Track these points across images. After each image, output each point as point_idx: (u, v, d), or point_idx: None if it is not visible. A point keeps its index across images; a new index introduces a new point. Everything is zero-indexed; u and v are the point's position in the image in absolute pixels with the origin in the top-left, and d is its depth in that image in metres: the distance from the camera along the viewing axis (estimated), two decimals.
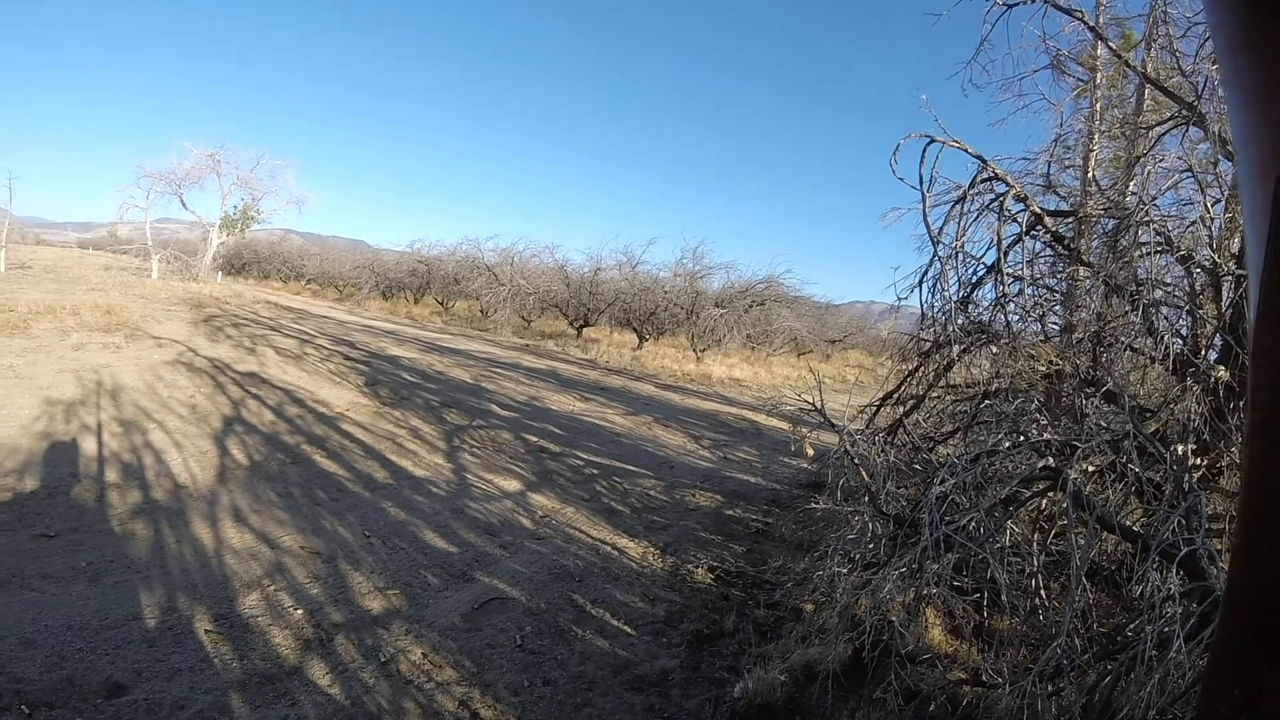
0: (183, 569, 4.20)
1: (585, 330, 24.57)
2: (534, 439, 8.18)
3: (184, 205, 33.80)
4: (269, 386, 9.52)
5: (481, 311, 27.20)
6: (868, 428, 3.86)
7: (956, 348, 3.39)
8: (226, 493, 5.51)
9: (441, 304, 31.18)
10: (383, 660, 3.36)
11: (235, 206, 34.70)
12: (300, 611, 3.77)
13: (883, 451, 3.51)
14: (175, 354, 11.22)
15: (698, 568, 4.83)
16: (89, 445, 6.38)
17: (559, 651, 3.63)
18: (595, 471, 7.07)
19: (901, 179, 3.49)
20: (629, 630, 3.93)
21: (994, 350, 3.34)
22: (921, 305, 3.57)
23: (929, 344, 3.58)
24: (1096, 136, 5.84)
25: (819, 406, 3.81)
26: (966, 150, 3.43)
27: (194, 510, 5.11)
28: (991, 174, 3.44)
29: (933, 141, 3.41)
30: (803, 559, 4.63)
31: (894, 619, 2.99)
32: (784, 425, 7.91)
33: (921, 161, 3.41)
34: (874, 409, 4.02)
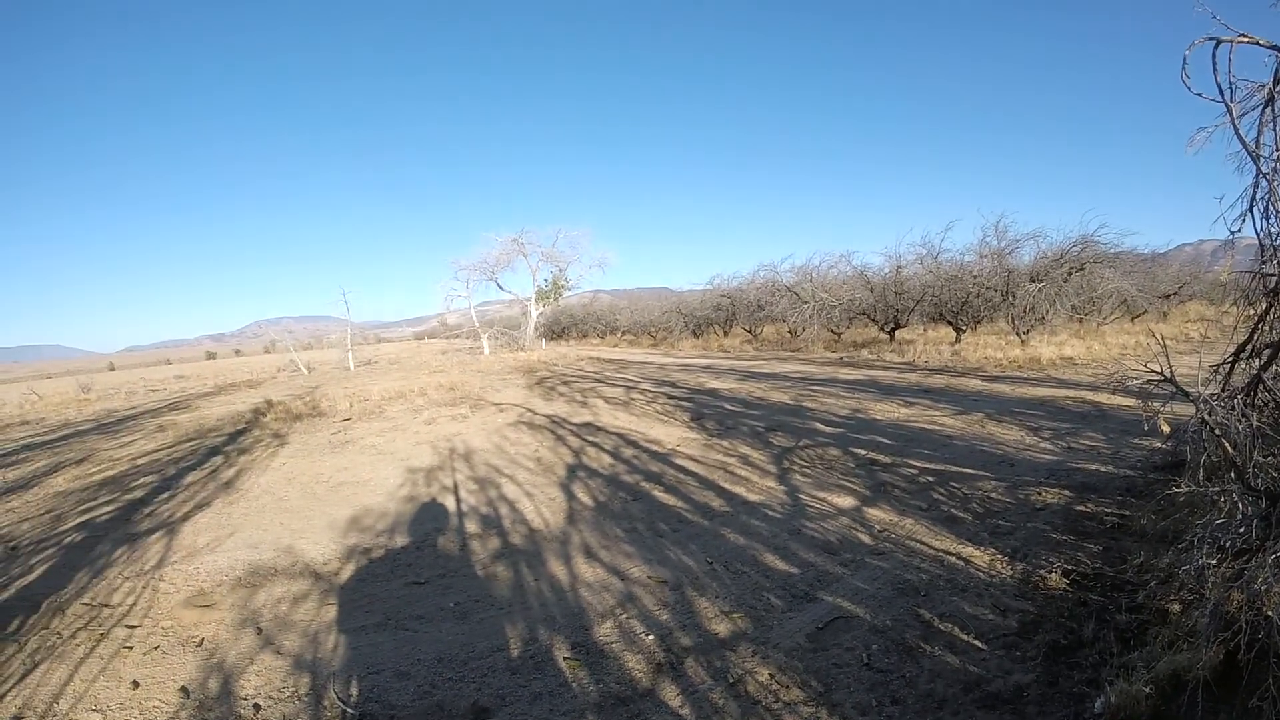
0: (541, 603, 4.60)
1: (898, 332, 23.74)
2: (862, 452, 8.00)
3: (500, 287, 37.69)
4: (604, 433, 10.20)
5: (790, 333, 27.32)
6: (1223, 390, 3.32)
7: None
8: (576, 532, 5.96)
9: (750, 332, 31.83)
10: (731, 681, 3.45)
11: (545, 279, 38.02)
12: (651, 637, 3.98)
13: (1243, 416, 3.00)
14: (516, 416, 12.41)
15: (1050, 572, 4.43)
16: (449, 503, 7.27)
17: (907, 669, 3.49)
18: (930, 479, 6.75)
19: (1199, 94, 3.01)
20: (979, 644, 3.68)
21: None
22: (1257, 233, 3.03)
23: (1275, 278, 3.02)
24: None
25: (1169, 374, 3.36)
26: (1259, 43, 2.89)
27: (548, 551, 5.59)
28: None
29: (1220, 43, 2.93)
30: (1166, 552, 4.07)
31: (1271, 613, 2.53)
32: (1130, 402, 7.06)
33: (1215, 69, 2.93)
34: (1227, 367, 3.45)
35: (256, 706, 3.75)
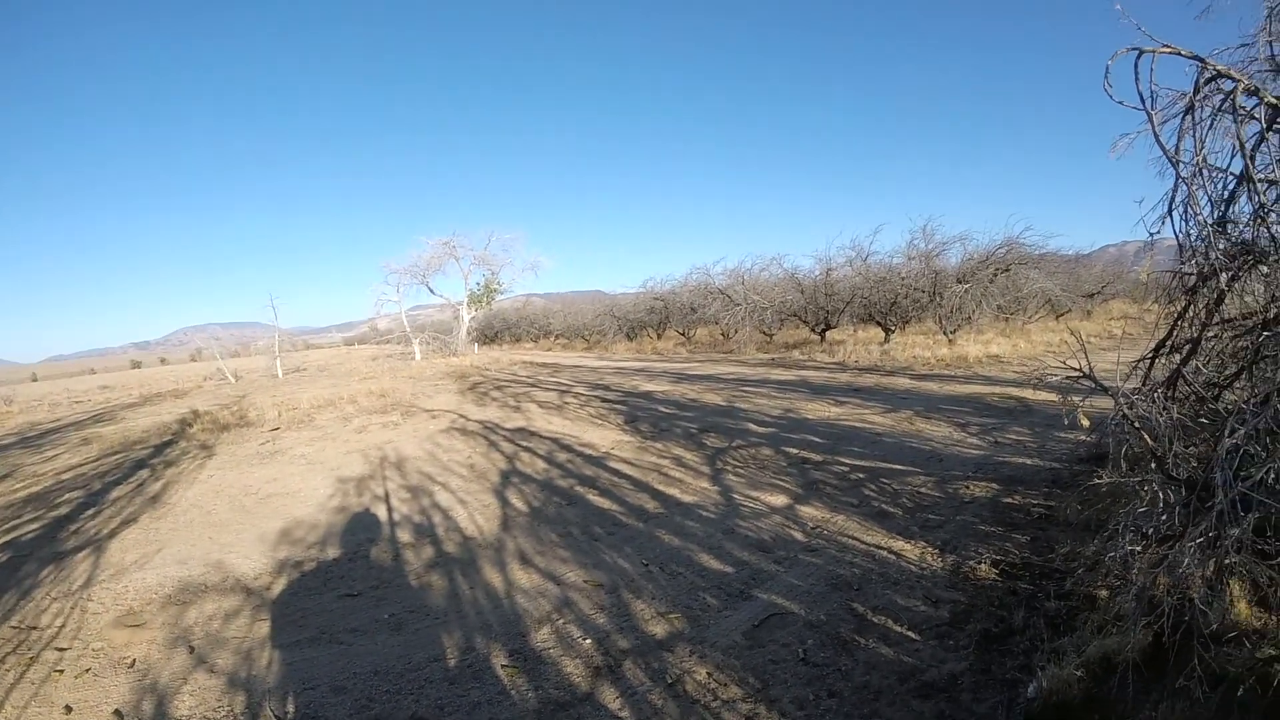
0: (477, 612, 4.53)
1: (828, 333, 24.19)
2: (794, 451, 8.10)
3: (431, 291, 37.42)
4: (537, 438, 10.13)
5: (723, 334, 27.68)
6: (1144, 385, 3.44)
7: (1224, 276, 2.93)
8: (511, 539, 5.89)
9: (683, 334, 32.09)
10: (669, 682, 3.44)
11: (477, 283, 37.83)
12: (589, 641, 3.95)
13: (1164, 409, 3.11)
14: (449, 422, 12.28)
15: (980, 563, 4.54)
16: (381, 512, 7.13)
17: (842, 663, 3.52)
18: (861, 475, 6.86)
19: (1120, 102, 3.11)
20: (913, 635, 3.75)
21: (1264, 271, 2.88)
22: (1176, 235, 3.15)
23: (1193, 277, 3.14)
24: None
25: (1087, 370, 3.47)
26: (1180, 53, 3.00)
27: (483, 558, 5.51)
28: (1214, 72, 2.99)
29: (1142, 53, 3.03)
30: (1092, 541, 4.21)
31: (1194, 596, 2.62)
32: (1053, 397, 7.31)
33: (1136, 78, 3.03)
34: (1147, 362, 3.58)
35: None
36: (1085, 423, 3.57)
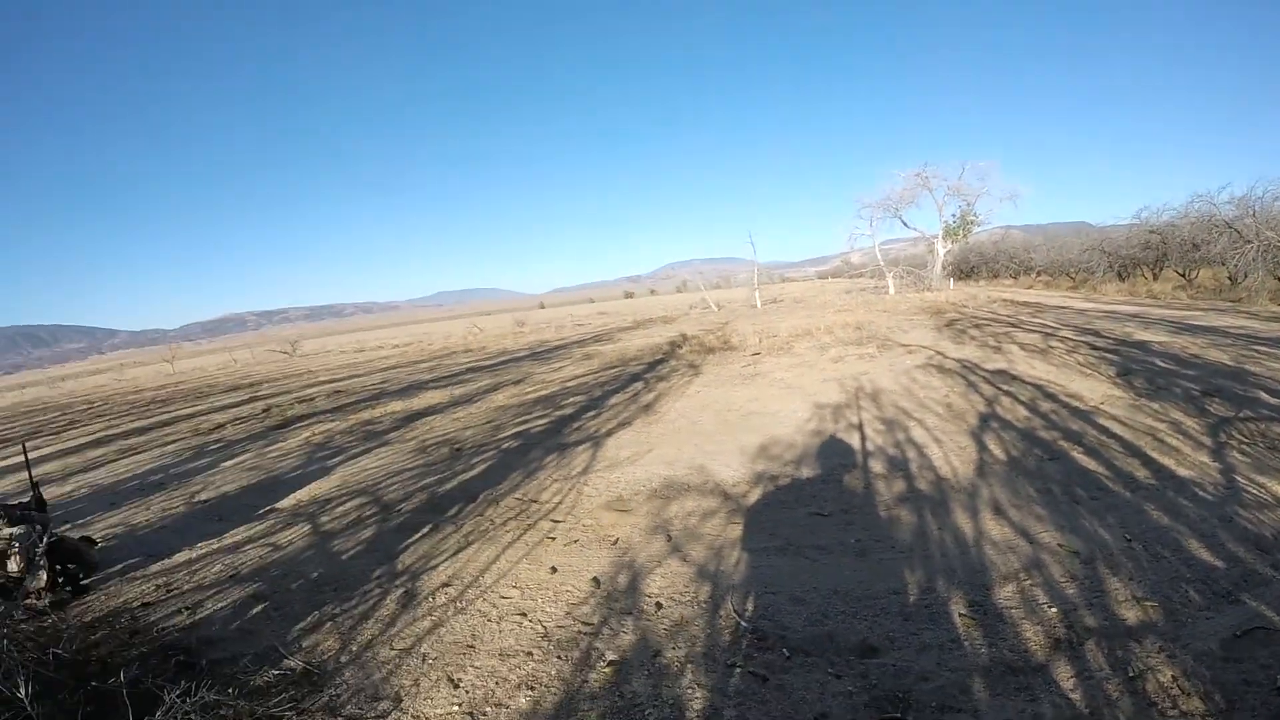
0: (943, 554, 4.49)
1: None
2: None
3: (905, 224, 36.76)
4: (1018, 383, 9.53)
5: (1229, 279, 22.63)
6: None
7: None
8: (986, 486, 5.69)
9: (1182, 275, 26.83)
10: (1130, 675, 3.06)
11: (953, 215, 36.18)
12: (1054, 610, 3.68)
13: None
14: (925, 358, 12.12)
15: None
16: (854, 441, 7.34)
17: None
18: None
19: None
20: None
21: None
22: None
23: None
24: None
25: None
26: None
27: (954, 501, 5.41)
28: None
29: None
30: None
31: None
32: None
33: None
34: None
35: (659, 604, 4.15)
36: None
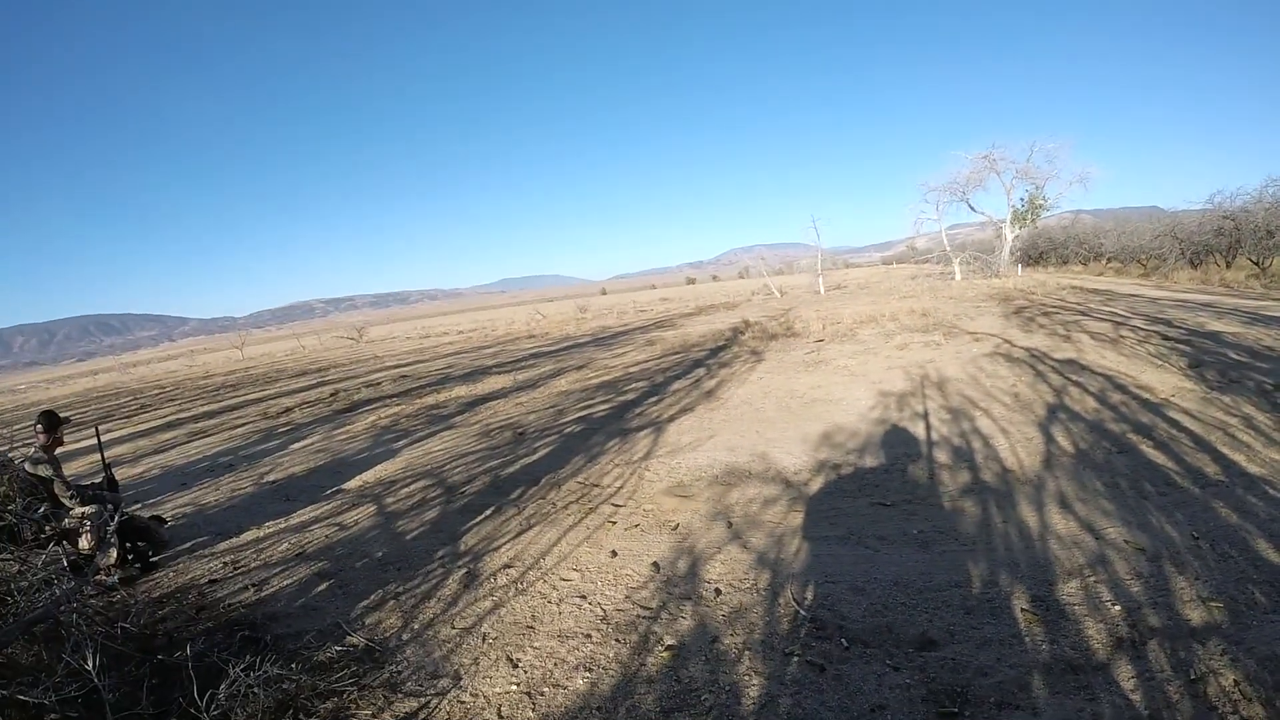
0: (1007, 547, 4.43)
1: None
2: None
3: (972, 208, 35.85)
4: (1088, 373, 9.28)
5: None
6: None
7: None
8: (1052, 479, 5.59)
9: (1256, 264, 25.52)
10: (1192, 678, 2.97)
11: (1021, 199, 35.13)
12: (1118, 608, 3.60)
13: None
14: (992, 346, 11.89)
15: None
16: (919, 430, 7.27)
17: None
18: None
19: None
20: None
21: None
22: None
23: None
24: None
25: None
26: None
27: (1020, 493, 5.34)
28: None
29: None
30: None
31: None
32: None
33: None
34: None
35: (717, 590, 4.19)
36: None
